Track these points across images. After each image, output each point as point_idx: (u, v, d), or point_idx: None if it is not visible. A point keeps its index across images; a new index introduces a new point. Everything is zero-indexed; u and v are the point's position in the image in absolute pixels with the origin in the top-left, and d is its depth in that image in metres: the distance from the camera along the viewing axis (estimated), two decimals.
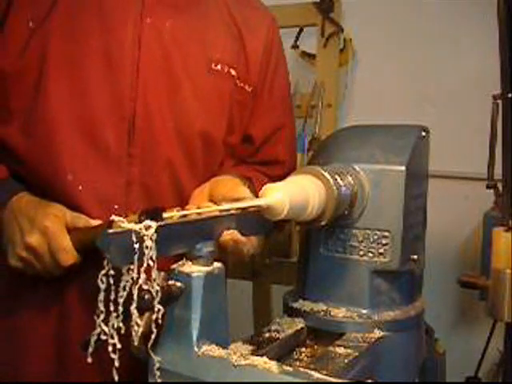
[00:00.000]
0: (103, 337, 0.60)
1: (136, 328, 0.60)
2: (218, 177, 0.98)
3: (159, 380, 0.64)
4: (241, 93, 1.04)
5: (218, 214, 0.74)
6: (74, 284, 0.91)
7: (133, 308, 0.60)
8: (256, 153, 1.11)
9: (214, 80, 1.00)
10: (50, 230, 0.84)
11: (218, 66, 1.00)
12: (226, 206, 0.74)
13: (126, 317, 0.60)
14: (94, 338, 0.60)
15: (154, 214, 0.63)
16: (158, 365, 0.64)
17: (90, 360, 0.62)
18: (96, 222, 0.87)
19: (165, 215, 0.65)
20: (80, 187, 0.90)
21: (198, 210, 0.74)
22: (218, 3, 1.04)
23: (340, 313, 0.83)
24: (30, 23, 0.89)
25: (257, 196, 0.74)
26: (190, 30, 0.99)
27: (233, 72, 1.02)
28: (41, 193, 0.91)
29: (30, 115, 0.90)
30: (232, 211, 0.75)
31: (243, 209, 0.75)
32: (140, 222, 0.61)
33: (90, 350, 0.61)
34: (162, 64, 0.95)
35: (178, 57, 0.96)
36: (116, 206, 0.92)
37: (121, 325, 0.60)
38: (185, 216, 0.69)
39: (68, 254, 0.84)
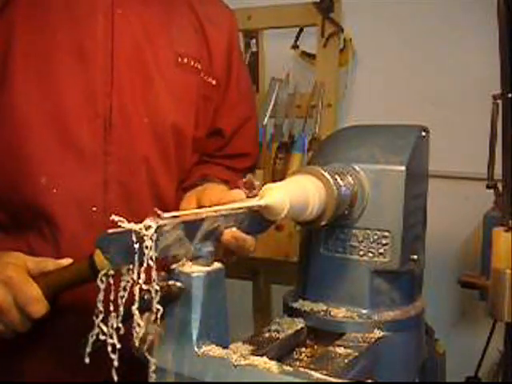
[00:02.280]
0: (102, 337, 0.60)
1: (137, 328, 0.60)
2: (201, 186, 0.95)
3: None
4: (206, 86, 1.03)
5: (217, 214, 0.74)
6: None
7: (134, 308, 0.59)
8: (225, 146, 1.11)
9: (181, 73, 0.98)
10: (15, 281, 0.73)
11: (185, 60, 0.99)
12: (225, 206, 0.74)
13: (126, 317, 0.60)
14: (91, 339, 0.60)
15: None
16: (153, 367, 0.64)
17: (87, 361, 0.60)
18: (66, 261, 0.75)
19: (165, 215, 0.65)
20: (54, 190, 0.85)
21: (198, 211, 0.74)
22: None
23: (340, 313, 0.83)
24: None
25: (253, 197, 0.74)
26: (157, 23, 0.97)
27: (198, 65, 1.01)
28: (8, 201, 0.85)
29: None
30: (232, 211, 0.74)
31: (243, 209, 0.75)
32: None
33: (88, 350, 0.60)
34: (134, 57, 0.92)
35: (148, 50, 0.94)
36: (94, 208, 0.88)
37: (120, 325, 0.60)
38: (184, 216, 0.69)
39: (39, 304, 0.72)
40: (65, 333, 0.87)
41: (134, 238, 0.59)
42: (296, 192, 0.71)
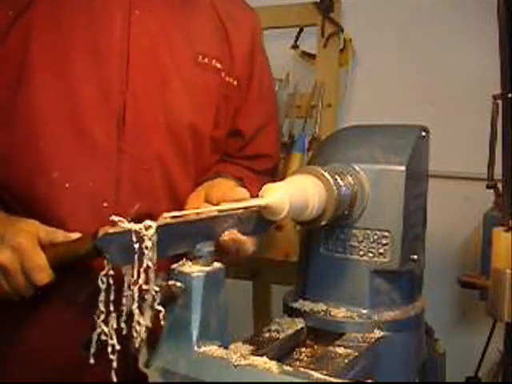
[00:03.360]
0: (103, 337, 0.60)
1: (137, 328, 0.60)
2: (211, 180, 0.96)
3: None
4: (226, 86, 1.03)
5: (218, 214, 0.74)
6: (51, 303, 0.88)
7: (134, 308, 0.60)
8: (245, 147, 1.11)
9: (201, 73, 0.98)
10: (23, 247, 0.77)
11: (205, 59, 0.99)
12: (226, 206, 0.74)
13: (127, 317, 0.60)
14: (95, 338, 0.60)
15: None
16: (151, 367, 0.64)
17: (92, 361, 0.61)
18: (75, 235, 0.79)
19: (165, 215, 0.65)
20: (67, 184, 0.86)
21: (198, 210, 0.74)
22: None
23: (340, 313, 0.83)
24: (9, 12, 0.85)
25: (251, 197, 0.74)
26: (177, 23, 0.97)
27: (218, 65, 1.01)
28: (23, 193, 0.87)
29: (12, 109, 0.86)
30: (232, 211, 0.75)
31: (243, 209, 0.75)
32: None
33: (92, 350, 0.61)
34: (151, 57, 0.92)
35: (166, 49, 0.94)
36: (105, 204, 0.89)
37: (121, 325, 0.60)
38: (184, 216, 0.69)
39: (43, 273, 0.77)
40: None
41: (134, 238, 0.59)
42: (296, 192, 0.71)
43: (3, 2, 0.86)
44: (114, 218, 0.60)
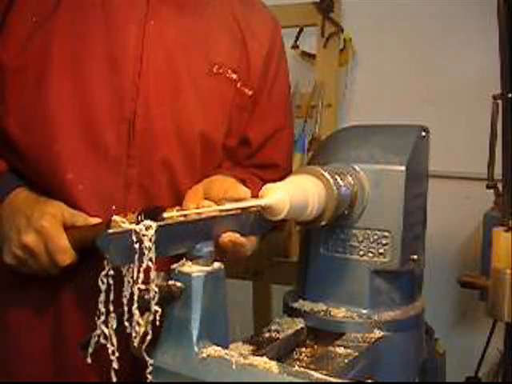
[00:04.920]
0: (103, 338, 0.60)
1: (137, 328, 0.60)
2: (211, 177, 0.96)
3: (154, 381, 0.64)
4: (241, 96, 1.04)
5: (217, 213, 0.74)
6: (69, 284, 0.91)
7: (134, 308, 0.60)
8: (253, 156, 1.11)
9: (215, 83, 0.99)
10: (47, 230, 0.83)
11: (220, 69, 1.00)
12: (226, 205, 0.74)
13: (128, 317, 0.60)
14: (94, 339, 0.60)
15: (153, 215, 0.63)
16: (151, 368, 0.64)
17: (89, 360, 0.61)
18: (95, 220, 0.86)
19: (165, 215, 0.65)
20: (80, 186, 0.90)
21: (198, 210, 0.74)
22: (222, 5, 1.04)
23: (340, 313, 0.83)
24: (33, 18, 0.89)
25: (253, 197, 0.73)
26: (193, 32, 0.98)
27: (234, 76, 1.02)
28: (40, 190, 0.91)
29: (30, 111, 0.90)
30: (232, 211, 0.74)
31: (243, 209, 0.75)
32: (138, 221, 0.61)
33: (90, 350, 0.61)
34: (164, 66, 0.94)
35: (180, 59, 0.96)
36: (114, 207, 0.91)
37: (121, 325, 0.60)
38: (185, 216, 0.69)
39: (66, 254, 0.83)
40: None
41: (134, 238, 0.59)
42: (296, 192, 0.71)
43: (28, 8, 0.89)
44: (116, 217, 0.60)
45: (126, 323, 0.60)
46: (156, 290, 0.61)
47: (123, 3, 0.92)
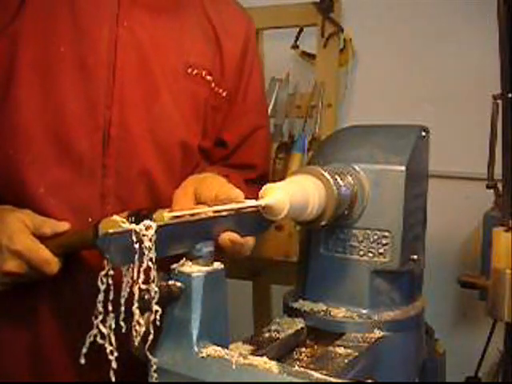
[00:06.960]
0: (102, 338, 0.60)
1: (137, 328, 0.60)
2: (198, 175, 0.90)
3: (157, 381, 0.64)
4: (216, 98, 1.02)
5: (217, 214, 0.74)
6: (46, 296, 0.89)
7: (134, 308, 0.59)
8: (229, 156, 1.09)
9: (190, 85, 0.97)
10: (23, 252, 0.80)
11: (195, 71, 0.97)
12: (226, 206, 0.74)
13: (126, 317, 0.60)
14: (89, 339, 0.60)
15: (141, 217, 0.62)
16: (155, 367, 0.64)
17: (82, 361, 0.60)
18: (64, 225, 0.84)
19: (165, 215, 0.65)
20: (52, 200, 0.87)
21: (199, 210, 0.74)
22: (194, 6, 1.01)
23: (340, 313, 0.83)
24: None
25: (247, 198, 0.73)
26: (166, 33, 0.95)
27: (208, 77, 0.99)
28: (11, 204, 0.87)
29: None
30: (232, 211, 0.74)
31: (243, 209, 0.75)
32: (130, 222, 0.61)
33: (84, 350, 0.60)
34: (139, 70, 0.91)
35: (155, 62, 0.93)
36: (90, 219, 0.88)
37: (119, 325, 0.60)
38: (184, 216, 0.69)
39: (51, 264, 0.81)
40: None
41: (134, 238, 0.59)
42: (296, 192, 0.71)
43: None
44: (116, 217, 0.60)
45: (122, 323, 0.60)
46: (156, 289, 0.61)
47: (93, 2, 0.88)
